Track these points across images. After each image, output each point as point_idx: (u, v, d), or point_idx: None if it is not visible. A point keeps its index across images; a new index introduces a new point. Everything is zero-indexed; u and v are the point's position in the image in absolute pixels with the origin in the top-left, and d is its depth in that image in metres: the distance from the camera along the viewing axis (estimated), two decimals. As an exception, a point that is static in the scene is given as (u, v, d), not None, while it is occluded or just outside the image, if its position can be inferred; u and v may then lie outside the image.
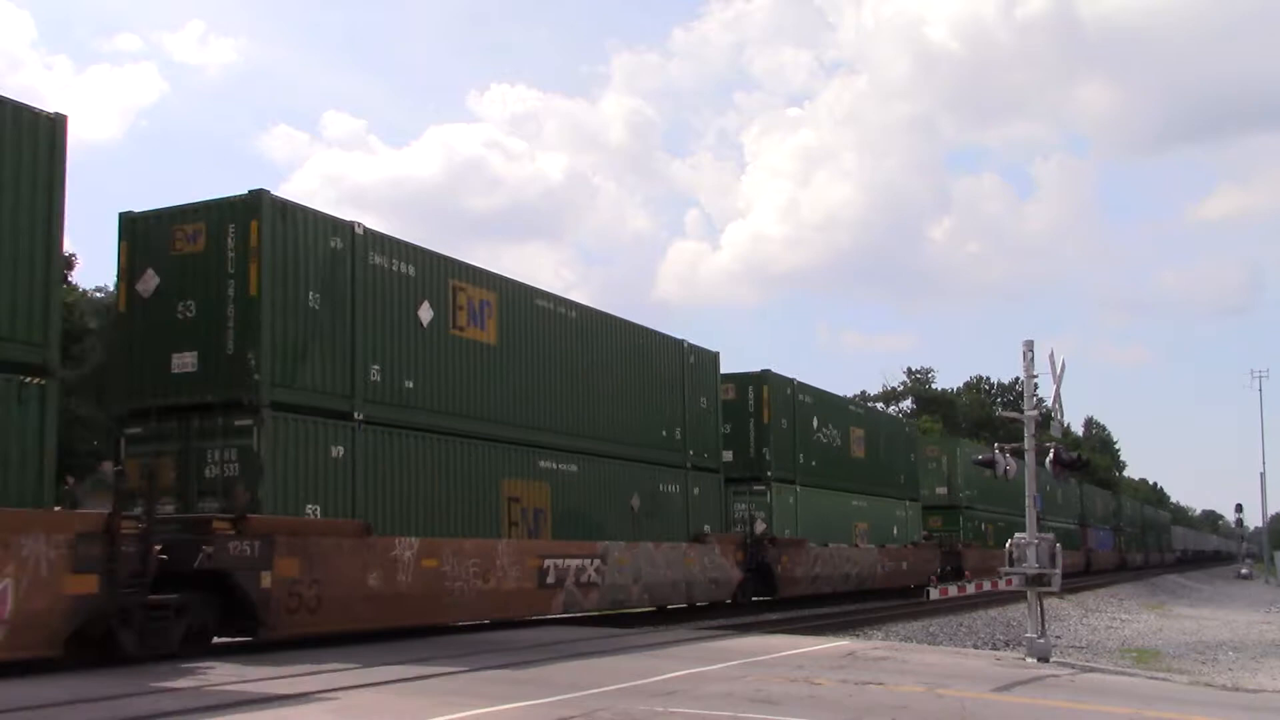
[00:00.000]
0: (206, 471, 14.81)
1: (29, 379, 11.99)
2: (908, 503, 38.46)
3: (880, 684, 12.22)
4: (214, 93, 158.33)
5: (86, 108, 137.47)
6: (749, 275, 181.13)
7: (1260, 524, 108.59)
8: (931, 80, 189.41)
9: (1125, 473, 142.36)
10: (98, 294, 67.84)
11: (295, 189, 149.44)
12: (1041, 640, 16.59)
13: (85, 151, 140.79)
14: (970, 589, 20.40)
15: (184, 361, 15.07)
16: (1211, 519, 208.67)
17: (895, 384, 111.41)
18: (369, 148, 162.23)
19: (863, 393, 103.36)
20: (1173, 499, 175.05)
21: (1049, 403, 18.63)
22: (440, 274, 17.81)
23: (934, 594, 20.41)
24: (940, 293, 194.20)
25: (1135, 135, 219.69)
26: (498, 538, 18.20)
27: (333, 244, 15.95)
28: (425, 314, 17.34)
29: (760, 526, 27.62)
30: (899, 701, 11.07)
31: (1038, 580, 16.62)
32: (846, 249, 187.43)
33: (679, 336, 24.96)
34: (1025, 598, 17.28)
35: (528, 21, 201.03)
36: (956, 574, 38.67)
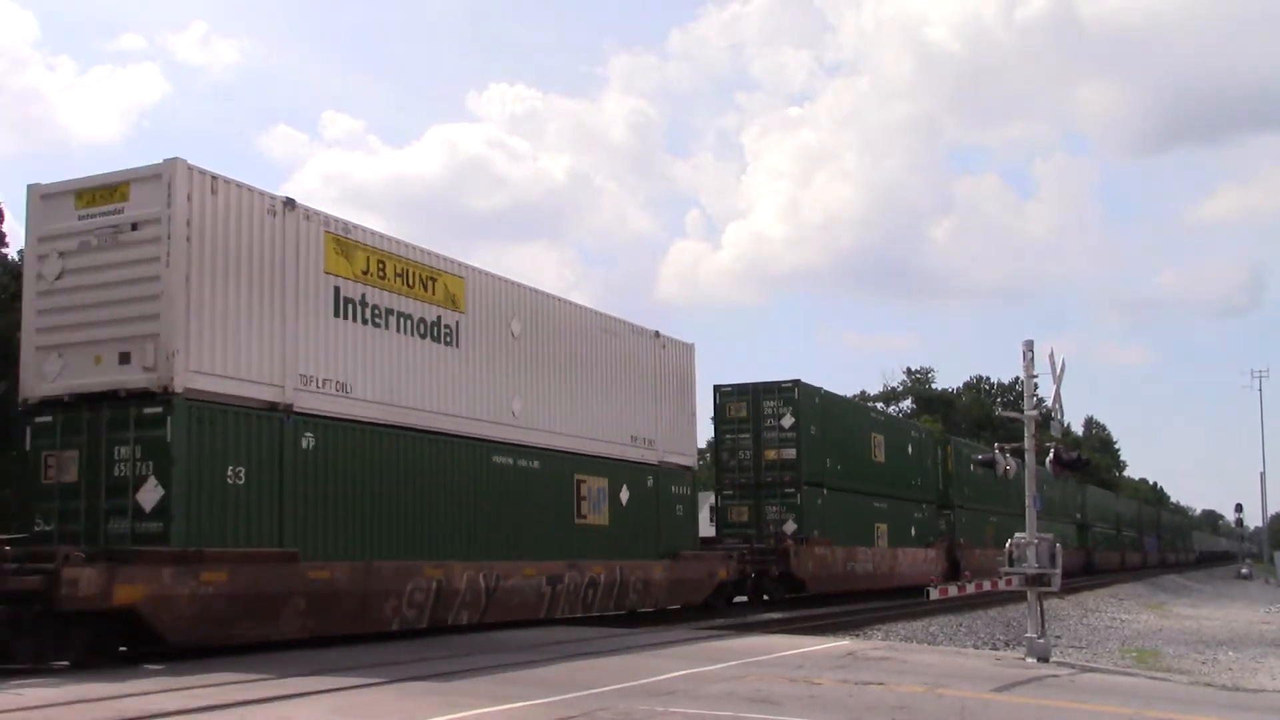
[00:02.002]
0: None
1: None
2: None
3: (880, 684, 12.21)
4: (216, 93, 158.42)
5: (89, 108, 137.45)
6: (749, 275, 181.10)
7: (1260, 524, 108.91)
8: (932, 81, 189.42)
9: (1125, 473, 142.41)
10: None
11: (296, 189, 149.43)
12: (1041, 640, 16.54)
13: (87, 152, 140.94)
14: (970, 589, 20.34)
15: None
16: (1211, 519, 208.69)
17: (895, 384, 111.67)
18: (369, 148, 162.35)
19: (862, 393, 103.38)
20: (1173, 499, 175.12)
21: (1049, 403, 18.68)
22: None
23: (934, 594, 20.32)
24: (940, 293, 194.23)
25: (1135, 135, 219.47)
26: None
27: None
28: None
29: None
30: (899, 701, 11.08)
31: (1038, 580, 16.54)
32: (847, 249, 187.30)
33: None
34: (1025, 598, 17.30)
35: (527, 22, 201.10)
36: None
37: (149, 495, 13.40)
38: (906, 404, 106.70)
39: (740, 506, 30.65)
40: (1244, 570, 79.75)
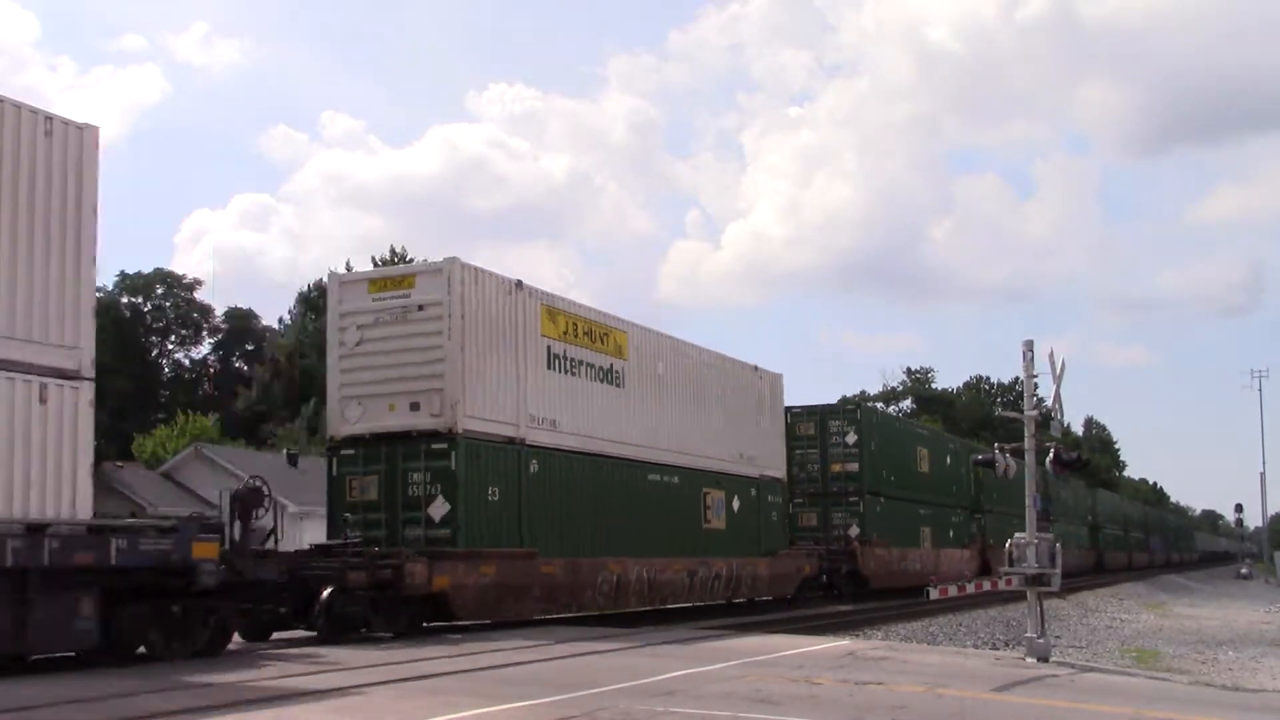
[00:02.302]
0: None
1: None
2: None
3: (880, 684, 12.26)
4: (217, 93, 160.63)
5: (89, 108, 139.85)
6: (750, 275, 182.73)
7: (1260, 524, 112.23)
8: (932, 81, 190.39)
9: (1125, 473, 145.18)
10: (98, 294, 71.66)
11: (296, 188, 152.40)
12: (1041, 640, 16.53)
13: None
14: (970, 589, 21.99)
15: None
16: (1211, 519, 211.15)
17: (895, 384, 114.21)
18: (369, 148, 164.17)
19: (862, 392, 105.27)
20: (1173, 499, 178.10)
21: (1049, 403, 18.80)
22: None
23: (934, 594, 21.39)
24: (940, 293, 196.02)
25: (1135, 135, 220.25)
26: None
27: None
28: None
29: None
30: (899, 701, 11.14)
31: (1037, 580, 16.56)
32: (847, 249, 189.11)
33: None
34: (1025, 598, 17.30)
35: (526, 22, 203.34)
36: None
37: (438, 509, 18.06)
38: (906, 404, 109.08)
39: (809, 513, 35.17)
40: (1244, 570, 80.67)
